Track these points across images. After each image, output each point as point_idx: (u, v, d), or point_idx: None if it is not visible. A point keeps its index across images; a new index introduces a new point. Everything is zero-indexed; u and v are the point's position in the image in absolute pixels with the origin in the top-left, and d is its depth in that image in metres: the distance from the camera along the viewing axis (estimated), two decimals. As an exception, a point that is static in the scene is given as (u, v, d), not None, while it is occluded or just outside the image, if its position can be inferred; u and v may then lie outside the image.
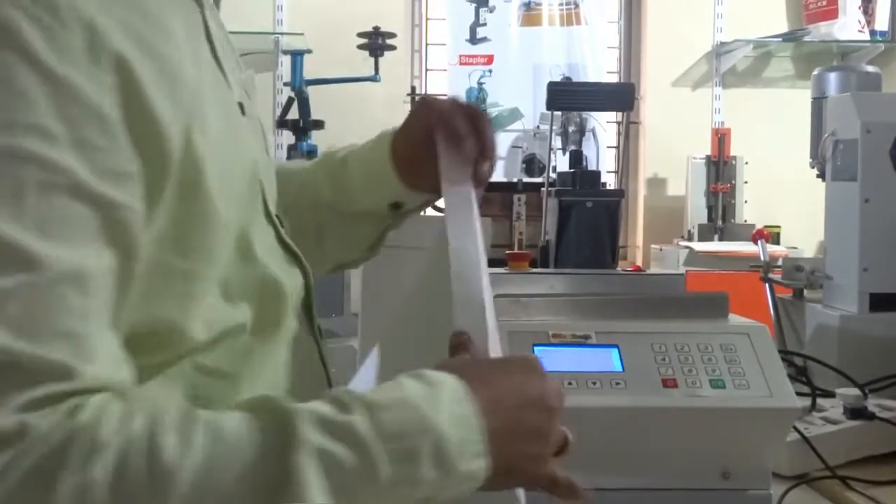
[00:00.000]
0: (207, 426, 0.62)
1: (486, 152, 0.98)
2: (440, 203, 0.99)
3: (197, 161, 0.72)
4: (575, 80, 3.99)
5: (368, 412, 0.65)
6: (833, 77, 2.87)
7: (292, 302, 0.88)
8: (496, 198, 3.73)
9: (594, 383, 0.99)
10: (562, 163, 3.71)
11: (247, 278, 0.81)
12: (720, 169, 3.77)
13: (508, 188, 3.74)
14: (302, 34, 3.77)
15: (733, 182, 3.79)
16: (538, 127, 4.01)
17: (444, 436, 0.66)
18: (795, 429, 1.19)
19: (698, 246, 3.58)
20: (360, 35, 3.56)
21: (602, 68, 4.17)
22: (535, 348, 1.02)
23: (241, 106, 0.86)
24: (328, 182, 1.08)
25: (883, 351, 1.52)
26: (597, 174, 3.46)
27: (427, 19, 4.26)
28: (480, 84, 4.13)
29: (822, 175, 1.75)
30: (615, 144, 4.21)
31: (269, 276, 0.84)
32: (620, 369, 1.01)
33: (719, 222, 3.76)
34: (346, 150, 1.08)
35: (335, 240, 1.10)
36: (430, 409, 0.67)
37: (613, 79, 4.26)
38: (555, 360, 1.01)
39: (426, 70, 4.27)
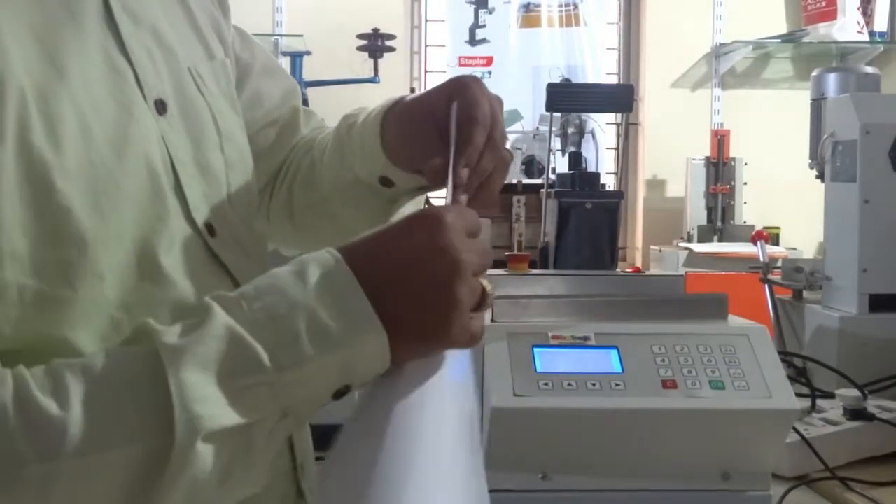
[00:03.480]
0: (74, 371, 0.61)
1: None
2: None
3: (43, 169, 0.66)
4: (574, 81, 4.00)
5: (227, 306, 0.63)
6: (832, 78, 2.87)
7: None
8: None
9: (594, 385, 0.99)
10: (561, 164, 3.71)
11: (154, 301, 0.73)
12: (719, 170, 3.78)
13: (508, 189, 3.75)
14: (301, 36, 3.77)
15: (732, 183, 3.79)
16: (537, 128, 4.01)
17: (314, 310, 0.63)
18: (795, 430, 1.19)
19: (698, 247, 3.58)
20: (360, 37, 3.57)
21: (601, 70, 4.17)
22: (535, 349, 1.02)
23: (158, 104, 0.77)
24: (335, 149, 1.01)
25: (882, 352, 1.52)
26: (596, 175, 3.47)
27: (426, 21, 4.27)
28: (480, 86, 4.13)
29: (821, 176, 1.75)
30: (614, 146, 4.21)
31: (184, 296, 0.75)
32: (620, 371, 1.01)
33: (719, 223, 3.77)
34: (364, 113, 1.00)
35: (347, 214, 1.02)
36: (294, 286, 0.64)
37: (613, 80, 4.26)
38: (554, 361, 1.01)
39: (426, 72, 4.27)
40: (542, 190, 3.44)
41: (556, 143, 3.73)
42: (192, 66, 0.85)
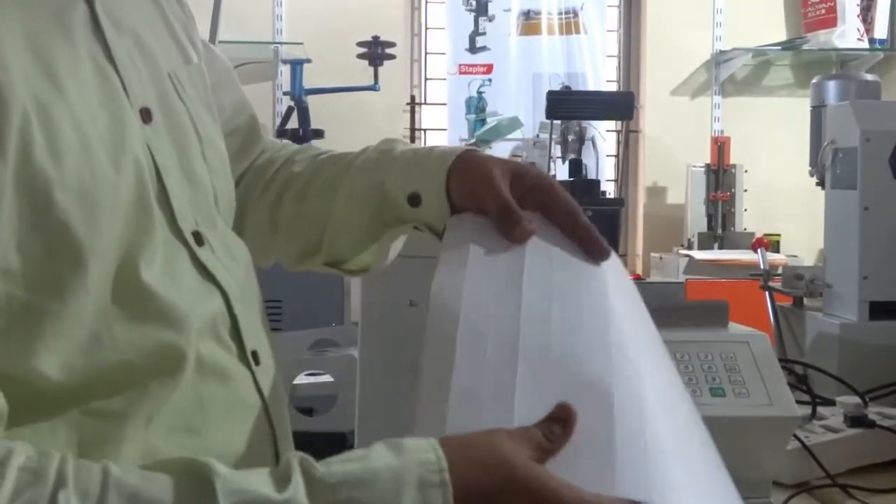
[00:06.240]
0: (121, 495, 0.57)
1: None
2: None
3: (44, 184, 0.66)
4: (574, 88, 4.00)
5: (309, 490, 0.59)
6: (832, 85, 2.88)
7: (208, 330, 0.78)
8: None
9: (594, 392, 0.99)
10: (561, 172, 3.71)
11: (136, 314, 0.72)
12: (720, 177, 3.78)
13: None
14: (301, 43, 3.77)
15: (733, 190, 3.79)
16: (538, 136, 4.01)
17: None
18: (796, 437, 1.19)
19: (698, 254, 3.58)
20: (360, 44, 3.57)
21: (601, 77, 4.17)
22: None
23: (144, 112, 0.77)
24: (367, 159, 0.97)
25: (883, 359, 1.52)
26: (596, 183, 3.47)
27: (426, 28, 4.27)
28: (480, 93, 4.13)
29: (821, 183, 1.75)
30: (615, 153, 4.21)
31: (164, 306, 0.73)
32: (620, 378, 1.01)
33: (719, 230, 3.76)
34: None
35: (342, 224, 0.99)
36: (387, 490, 0.59)
37: (613, 87, 4.26)
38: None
39: (426, 79, 4.27)
40: (542, 197, 3.43)
41: (557, 151, 3.73)
42: (172, 71, 0.84)
